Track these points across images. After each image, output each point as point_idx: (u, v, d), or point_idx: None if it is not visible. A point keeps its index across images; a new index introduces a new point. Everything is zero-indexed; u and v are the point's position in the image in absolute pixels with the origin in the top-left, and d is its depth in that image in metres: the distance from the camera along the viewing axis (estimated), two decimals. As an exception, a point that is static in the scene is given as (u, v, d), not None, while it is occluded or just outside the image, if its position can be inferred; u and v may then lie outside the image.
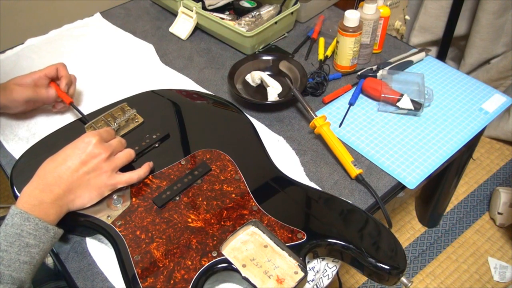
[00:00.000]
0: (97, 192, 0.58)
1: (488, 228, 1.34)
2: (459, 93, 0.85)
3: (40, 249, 0.51)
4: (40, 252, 0.51)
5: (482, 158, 1.53)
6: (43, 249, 0.52)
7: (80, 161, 0.56)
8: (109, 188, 0.59)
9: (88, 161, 0.57)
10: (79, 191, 0.56)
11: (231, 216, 0.58)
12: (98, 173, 0.57)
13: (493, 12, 1.35)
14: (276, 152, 0.73)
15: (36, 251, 0.51)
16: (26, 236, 0.50)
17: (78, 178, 0.56)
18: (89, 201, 0.58)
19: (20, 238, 0.50)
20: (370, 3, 0.84)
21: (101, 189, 0.58)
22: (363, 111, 0.81)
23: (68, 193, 0.55)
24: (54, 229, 0.53)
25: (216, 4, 0.98)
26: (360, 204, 0.67)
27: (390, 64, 0.87)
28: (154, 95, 0.78)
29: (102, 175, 0.57)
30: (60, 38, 1.01)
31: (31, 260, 0.50)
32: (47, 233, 0.52)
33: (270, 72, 0.88)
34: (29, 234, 0.50)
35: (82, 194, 0.57)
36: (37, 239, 0.51)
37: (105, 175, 0.58)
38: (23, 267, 0.49)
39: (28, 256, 0.50)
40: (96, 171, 0.57)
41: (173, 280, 0.51)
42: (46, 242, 0.52)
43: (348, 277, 1.24)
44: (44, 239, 0.52)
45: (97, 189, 0.57)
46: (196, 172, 0.63)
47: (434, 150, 0.74)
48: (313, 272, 0.59)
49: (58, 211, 0.54)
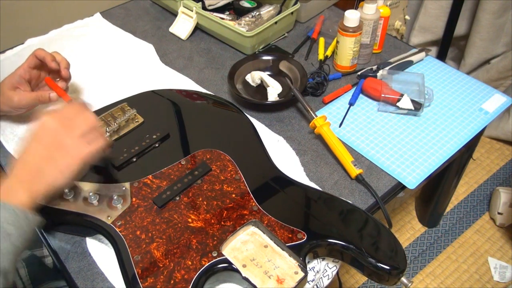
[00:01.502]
0: (70, 171, 0.54)
1: (488, 228, 1.34)
2: (459, 93, 0.85)
3: (23, 239, 0.50)
4: (23, 241, 0.50)
5: (482, 158, 1.53)
6: (26, 238, 0.50)
7: (36, 140, 0.54)
8: (81, 163, 0.54)
9: (44, 138, 0.55)
10: (49, 176, 0.53)
11: (231, 216, 0.58)
12: (62, 150, 0.54)
13: (493, 12, 1.35)
14: (276, 152, 0.73)
15: (19, 242, 0.49)
16: (6, 226, 0.48)
17: (43, 160, 0.53)
18: (63, 181, 0.54)
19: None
20: (370, 3, 0.84)
21: (74, 168, 0.54)
22: (363, 111, 0.81)
23: (39, 180, 0.53)
24: (34, 216, 0.52)
25: (216, 4, 0.98)
26: (360, 204, 0.67)
27: (390, 64, 0.87)
28: (154, 95, 0.78)
29: (68, 150, 0.54)
30: (60, 38, 1.01)
31: (14, 249, 0.49)
32: (26, 221, 0.51)
33: (270, 72, 0.88)
34: (8, 224, 0.49)
35: (54, 175, 0.54)
36: (18, 229, 0.49)
37: (72, 151, 0.54)
38: (6, 258, 0.48)
39: (11, 245, 0.48)
40: (59, 149, 0.54)
41: (173, 280, 0.51)
42: (28, 231, 0.51)
43: (348, 277, 1.24)
44: (25, 227, 0.50)
45: (69, 170, 0.54)
46: (196, 172, 0.63)
47: (434, 150, 0.74)
48: (313, 272, 0.59)
49: (31, 199, 0.52)
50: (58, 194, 0.57)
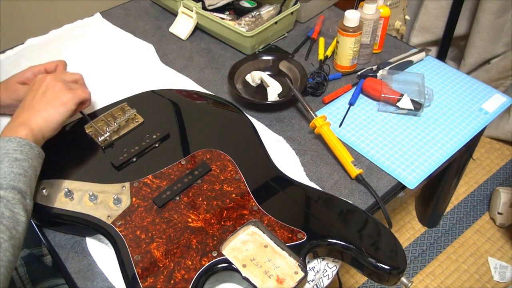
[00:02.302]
0: (61, 104, 0.62)
1: (488, 228, 1.34)
2: (459, 93, 0.85)
3: (29, 164, 0.55)
4: (30, 166, 0.55)
5: (482, 158, 1.53)
6: (33, 165, 0.55)
7: (33, 90, 0.64)
8: (70, 98, 0.63)
9: (39, 87, 0.64)
10: (44, 111, 0.61)
11: (231, 216, 0.58)
12: (53, 90, 0.63)
13: (493, 12, 1.35)
14: (276, 152, 0.73)
15: (27, 165, 0.54)
16: (12, 152, 0.54)
17: (37, 100, 0.62)
18: (57, 115, 0.62)
19: (7, 155, 0.53)
20: (370, 3, 0.84)
21: (64, 101, 0.63)
22: (363, 111, 0.81)
23: (34, 115, 0.60)
24: (37, 147, 0.57)
25: (216, 4, 0.98)
26: (360, 204, 0.67)
27: (390, 64, 0.87)
28: (154, 95, 0.78)
29: (56, 88, 0.63)
30: (60, 38, 1.01)
31: (24, 172, 0.53)
32: (31, 150, 0.56)
33: (270, 72, 0.88)
34: (15, 150, 0.54)
35: (48, 110, 0.61)
36: (24, 154, 0.54)
37: (60, 88, 0.63)
38: (19, 178, 0.52)
39: (21, 168, 0.53)
40: (50, 89, 0.63)
41: (173, 280, 0.51)
42: (33, 158, 0.56)
43: (348, 277, 1.24)
44: (31, 154, 0.55)
45: (60, 102, 0.62)
46: (196, 172, 0.63)
47: (434, 150, 0.74)
48: (313, 272, 0.59)
49: (32, 134, 0.58)
50: (57, 129, 0.63)
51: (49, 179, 0.63)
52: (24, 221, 0.50)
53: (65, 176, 0.64)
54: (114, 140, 0.69)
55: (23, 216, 0.50)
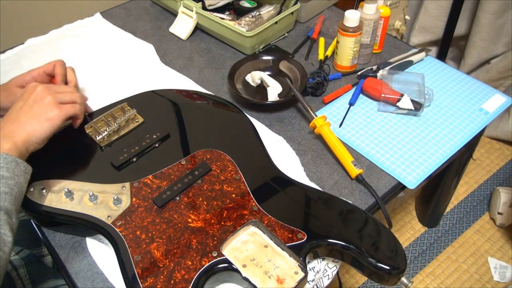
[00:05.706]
0: (46, 120, 0.60)
1: (488, 228, 1.34)
2: (459, 93, 0.85)
3: (15, 182, 0.53)
4: (16, 184, 0.54)
5: (482, 158, 1.53)
6: (18, 182, 0.54)
7: (22, 98, 0.62)
8: (57, 115, 0.61)
9: (29, 97, 0.62)
10: (28, 125, 0.59)
11: (231, 216, 0.58)
12: (41, 103, 0.61)
13: (493, 12, 1.35)
14: (276, 152, 0.73)
15: (13, 183, 0.53)
16: None
17: (23, 112, 0.60)
18: (41, 130, 0.60)
19: None
20: (370, 3, 0.84)
21: (50, 116, 0.61)
22: (363, 111, 0.81)
23: (18, 128, 0.58)
24: (23, 162, 0.56)
25: (216, 4, 0.98)
26: (360, 204, 0.67)
27: (390, 64, 0.87)
28: (154, 95, 0.78)
29: (44, 102, 0.61)
30: (60, 38, 1.01)
31: (10, 191, 0.52)
32: (17, 166, 0.55)
33: (270, 72, 0.88)
34: (1, 167, 0.53)
35: (33, 125, 0.59)
36: (10, 172, 0.53)
37: (49, 102, 0.61)
38: (5, 197, 0.51)
39: (7, 186, 0.52)
40: (38, 102, 0.61)
41: (173, 280, 0.51)
42: (19, 175, 0.55)
43: (348, 277, 1.24)
44: (17, 171, 0.54)
45: (46, 117, 0.60)
46: (196, 172, 0.63)
47: (434, 150, 0.74)
48: (313, 272, 0.59)
49: (15, 148, 0.56)
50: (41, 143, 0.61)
51: (49, 179, 0.63)
52: (10, 241, 0.49)
53: (65, 176, 0.64)
54: (114, 140, 0.69)
55: (9, 237, 0.49)
